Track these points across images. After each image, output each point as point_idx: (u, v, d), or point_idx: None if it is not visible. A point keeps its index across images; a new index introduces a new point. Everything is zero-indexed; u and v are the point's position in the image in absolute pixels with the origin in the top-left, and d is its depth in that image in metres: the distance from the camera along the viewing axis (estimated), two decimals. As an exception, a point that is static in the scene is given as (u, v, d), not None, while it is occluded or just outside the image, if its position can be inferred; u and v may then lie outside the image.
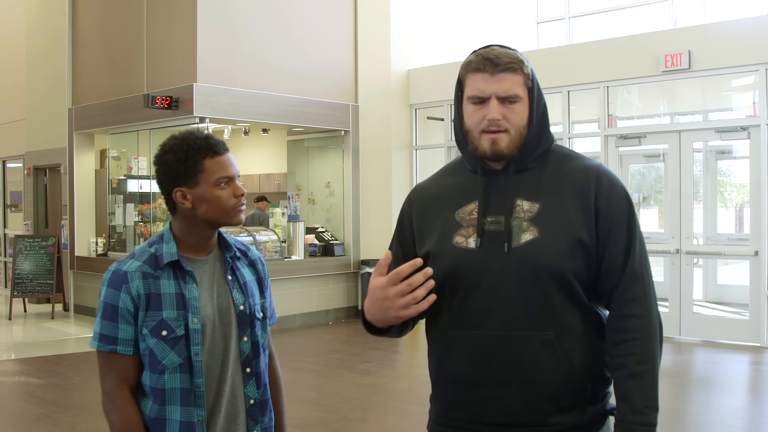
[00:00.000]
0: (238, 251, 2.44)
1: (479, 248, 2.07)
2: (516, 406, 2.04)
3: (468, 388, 2.09)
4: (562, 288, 2.03)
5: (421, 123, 12.51)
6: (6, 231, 16.42)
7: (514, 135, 2.08)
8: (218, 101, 10.50)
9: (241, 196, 2.33)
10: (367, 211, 12.19)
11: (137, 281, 2.24)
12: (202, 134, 2.32)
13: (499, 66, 2.07)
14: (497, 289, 2.04)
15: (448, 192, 2.20)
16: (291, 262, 11.30)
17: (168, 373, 2.23)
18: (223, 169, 2.28)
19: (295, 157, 13.28)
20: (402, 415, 6.73)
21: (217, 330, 2.30)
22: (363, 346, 9.82)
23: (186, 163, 2.27)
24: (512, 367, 2.03)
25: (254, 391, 2.37)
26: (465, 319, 2.08)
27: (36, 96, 13.93)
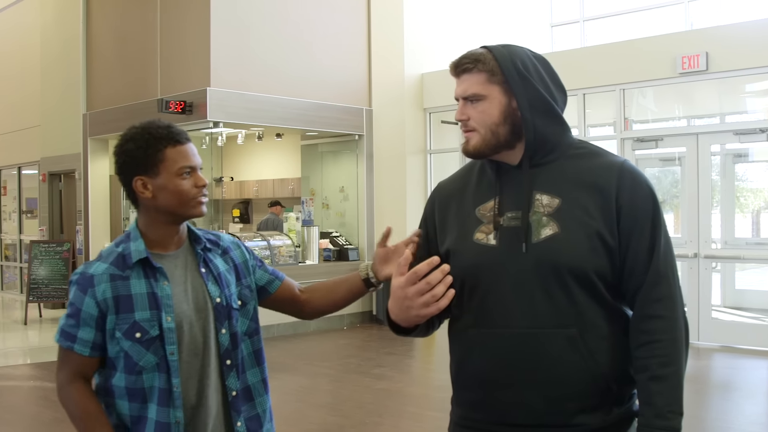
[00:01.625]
0: (208, 242, 2.39)
1: (498, 245, 2.04)
2: (539, 406, 2.00)
3: (490, 389, 2.05)
4: (584, 285, 1.98)
5: (435, 127, 12.46)
6: (22, 237, 16.45)
7: (484, 133, 2.06)
8: (232, 106, 10.49)
9: (203, 187, 2.27)
10: (381, 216, 12.15)
11: (104, 284, 2.20)
12: (164, 123, 2.27)
13: (457, 68, 2.12)
14: (517, 286, 2.00)
15: (469, 189, 2.17)
16: (305, 266, 11.27)
17: (146, 373, 2.20)
18: (185, 159, 2.24)
19: (308, 161, 13.25)
20: (417, 420, 6.68)
21: (195, 325, 2.26)
22: (378, 350, 9.78)
23: (147, 152, 2.23)
24: (535, 366, 1.98)
25: (235, 382, 2.33)
26: (485, 318, 2.05)
27: (51, 102, 13.99)
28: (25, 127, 15.42)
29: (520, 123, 2.06)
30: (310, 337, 10.76)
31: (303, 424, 6.37)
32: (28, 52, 15.17)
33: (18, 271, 16.50)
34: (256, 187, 15.37)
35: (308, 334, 10.99)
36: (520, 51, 2.11)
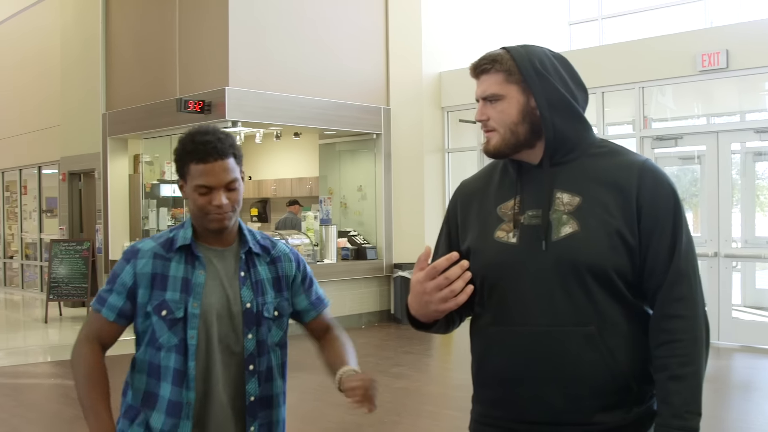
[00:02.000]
0: (258, 247, 2.45)
1: (519, 243, 2.05)
2: (558, 404, 2.00)
3: (509, 386, 2.06)
4: (603, 283, 1.98)
5: (453, 126, 12.45)
6: (42, 236, 16.59)
7: (503, 133, 2.08)
8: (250, 105, 10.52)
9: (219, 207, 2.30)
10: (399, 215, 12.15)
11: (146, 259, 2.33)
12: (202, 138, 2.31)
13: (476, 69, 2.14)
14: (537, 284, 2.00)
15: (491, 188, 2.19)
16: (323, 265, 11.29)
17: (163, 351, 2.30)
18: (203, 178, 2.29)
19: (326, 160, 13.27)
20: (435, 419, 6.68)
21: (221, 321, 2.33)
22: (396, 349, 9.78)
23: (179, 162, 2.36)
24: (553, 364, 1.99)
25: (255, 388, 2.38)
26: (505, 316, 2.06)
27: (71, 102, 14.08)
28: (45, 126, 15.54)
29: (540, 122, 2.06)
30: (328, 336, 10.75)
31: (321, 423, 6.38)
32: (49, 53, 15.29)
33: (38, 269, 16.64)
34: (274, 186, 15.41)
35: (326, 332, 10.98)
36: (539, 50, 2.12)
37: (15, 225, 18.09)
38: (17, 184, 17.82)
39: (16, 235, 17.99)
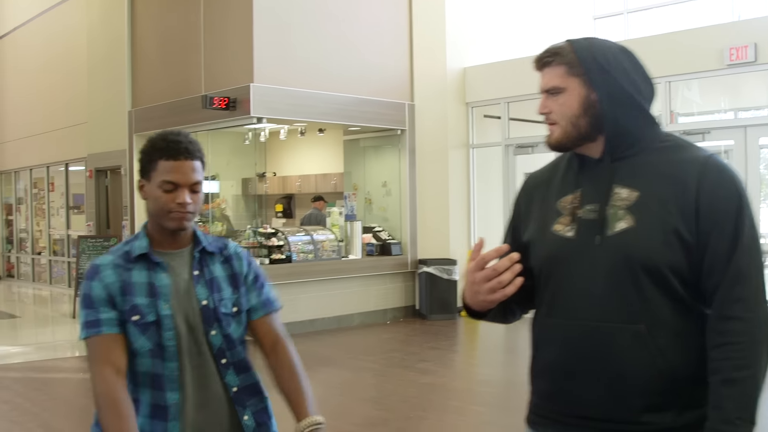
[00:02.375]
0: (213, 247, 2.48)
1: (575, 237, 2.05)
2: (605, 401, 1.98)
3: (560, 379, 2.07)
4: (656, 281, 1.94)
5: (478, 121, 12.41)
6: (69, 232, 16.74)
7: (564, 125, 2.07)
8: (275, 101, 10.56)
9: (181, 205, 2.32)
10: (424, 210, 12.15)
11: (109, 271, 2.32)
12: (174, 137, 2.35)
13: (539, 62, 2.12)
14: (589, 279, 2.00)
15: (554, 181, 2.19)
16: (348, 261, 11.31)
17: (139, 357, 2.30)
18: (170, 174, 2.32)
19: (351, 156, 13.28)
20: (461, 414, 6.68)
21: (183, 321, 2.35)
22: (421, 345, 9.78)
23: (146, 158, 2.37)
24: (601, 360, 1.97)
25: (234, 379, 2.39)
26: (558, 309, 2.07)
27: (97, 100, 14.19)
28: (72, 124, 15.68)
29: (601, 115, 2.05)
30: (354, 331, 10.79)
31: (348, 418, 6.40)
32: (75, 52, 15.42)
33: (66, 265, 16.80)
34: (298, 182, 15.45)
35: (351, 328, 11.03)
36: (603, 43, 2.11)
37: (43, 221, 18.27)
38: (45, 181, 18.00)
39: (44, 231, 18.17)
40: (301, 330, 10.66)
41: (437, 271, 11.63)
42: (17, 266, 19.45)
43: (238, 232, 12.16)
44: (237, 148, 13.23)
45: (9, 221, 19.83)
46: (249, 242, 11.05)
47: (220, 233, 12.03)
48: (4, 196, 19.96)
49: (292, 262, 10.64)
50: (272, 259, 10.50)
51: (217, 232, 12.03)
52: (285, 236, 10.81)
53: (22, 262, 19.28)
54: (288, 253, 10.66)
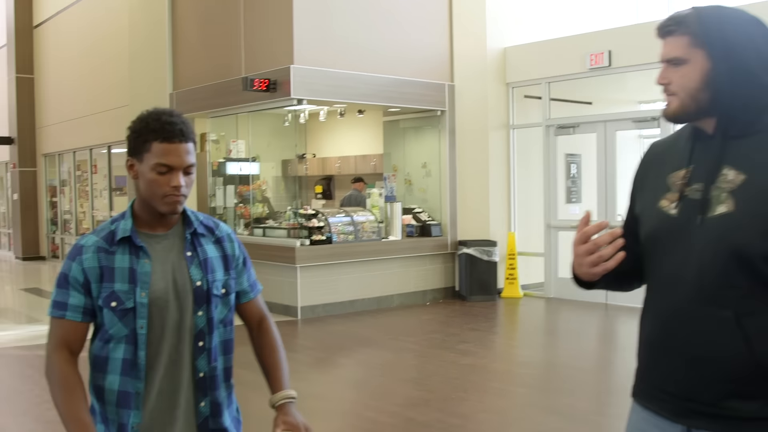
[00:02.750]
0: (203, 227, 2.46)
1: (677, 215, 2.01)
2: (688, 380, 1.96)
3: (653, 355, 2.08)
4: (749, 270, 1.88)
5: (518, 102, 12.32)
6: (112, 213, 16.95)
7: (683, 98, 1.99)
8: (315, 83, 10.56)
9: (176, 188, 2.30)
10: (464, 191, 12.11)
11: (90, 254, 2.31)
12: (168, 119, 2.32)
13: (661, 30, 2.04)
14: (685, 260, 1.96)
15: (669, 155, 2.13)
16: (388, 242, 11.32)
17: (113, 343, 2.30)
18: (165, 157, 2.29)
19: (390, 137, 13.27)
20: (502, 396, 6.67)
21: (171, 304, 2.34)
22: (461, 326, 9.77)
23: (138, 139, 2.32)
24: (689, 341, 1.95)
25: (205, 365, 2.39)
26: (657, 285, 2.06)
27: (139, 83, 14.31)
28: (114, 107, 15.84)
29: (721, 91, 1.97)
30: (394, 312, 10.82)
31: (389, 398, 6.43)
32: (117, 35, 15.56)
33: (109, 246, 16.99)
34: (338, 163, 15.46)
35: (391, 309, 11.06)
36: (732, 13, 2.00)
37: (86, 203, 18.53)
38: (88, 163, 18.24)
39: (88, 212, 18.42)
40: (341, 311, 10.71)
41: (477, 253, 11.60)
42: (62, 247, 19.76)
43: (278, 213, 12.21)
44: (277, 130, 13.28)
45: (53, 203, 20.13)
46: (289, 223, 11.11)
47: (260, 215, 12.10)
48: (49, 179, 20.26)
49: (332, 243, 10.67)
50: (312, 240, 10.54)
51: (257, 213, 12.09)
52: (325, 217, 10.84)
53: (66, 243, 19.58)
54: (328, 234, 10.70)
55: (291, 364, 2.54)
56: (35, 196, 20.41)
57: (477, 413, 6.11)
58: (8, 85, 20.37)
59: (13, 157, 20.31)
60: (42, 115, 19.96)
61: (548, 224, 11.71)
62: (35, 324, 10.66)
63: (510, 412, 6.21)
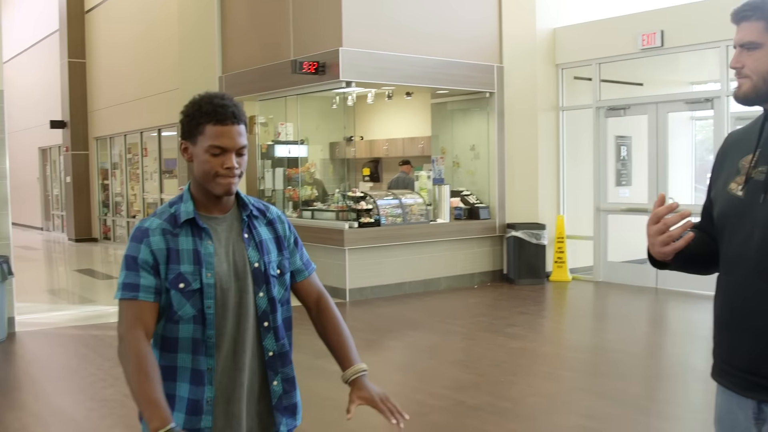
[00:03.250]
0: (256, 210, 2.50)
1: (743, 197, 2.08)
2: (753, 355, 2.03)
3: (721, 330, 2.16)
4: None
5: (568, 83, 12.19)
6: (162, 195, 17.18)
7: (756, 81, 2.06)
8: (363, 65, 10.55)
9: (229, 169, 2.34)
10: (512, 174, 12.03)
11: (157, 236, 2.33)
12: (220, 102, 2.35)
13: (736, 15, 2.11)
14: (747, 238, 2.04)
15: (743, 141, 2.21)
16: (436, 225, 11.30)
17: (182, 323, 2.33)
18: (219, 139, 2.32)
19: (438, 120, 13.22)
20: (551, 380, 6.64)
21: (232, 285, 2.38)
22: (510, 310, 9.74)
23: (191, 122, 2.36)
24: (748, 315, 2.02)
25: (272, 343, 2.44)
26: (725, 264, 2.14)
27: (188, 67, 14.43)
28: (164, 90, 16.00)
29: None
30: (441, 295, 10.81)
31: (438, 381, 6.44)
32: (167, 20, 15.70)
33: (160, 228, 17.22)
34: (386, 145, 15.47)
35: (439, 292, 11.06)
36: None
37: (137, 185, 18.78)
38: (138, 146, 18.47)
39: (138, 195, 18.68)
40: (389, 293, 10.74)
41: (525, 236, 11.53)
42: (113, 229, 20.07)
43: (327, 196, 12.27)
44: (325, 113, 13.30)
45: (105, 185, 20.44)
46: (338, 206, 11.15)
47: (309, 197, 12.15)
48: (100, 162, 20.56)
49: (380, 225, 10.69)
50: (361, 223, 10.56)
51: (306, 195, 12.15)
52: (374, 200, 10.85)
53: (117, 225, 19.89)
54: (377, 216, 10.72)
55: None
56: (87, 178, 20.74)
57: (526, 397, 6.10)
58: (61, 69, 20.68)
59: (66, 141, 20.65)
60: (94, 99, 20.25)
61: (598, 207, 11.60)
62: (89, 304, 10.87)
63: (559, 396, 6.19)
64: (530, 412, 5.69)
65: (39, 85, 23.03)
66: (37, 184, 24.62)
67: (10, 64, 23.18)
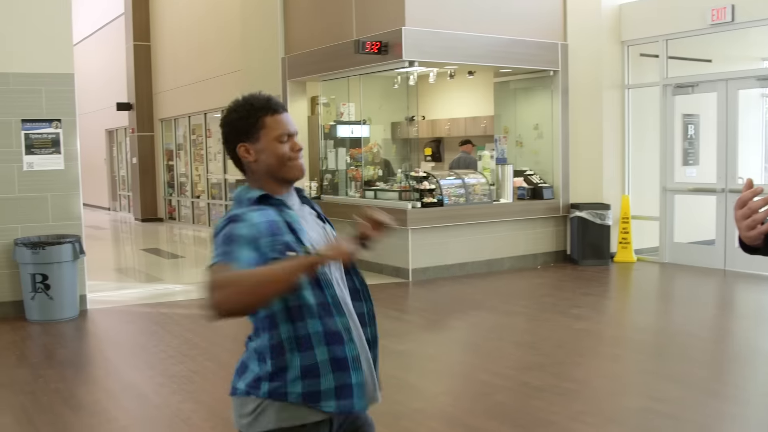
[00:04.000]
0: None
1: None
2: None
3: None
4: None
5: (634, 60, 11.96)
6: (226, 176, 17.40)
7: None
8: (426, 44, 10.50)
9: (299, 151, 2.45)
10: (577, 154, 11.89)
11: (254, 214, 2.30)
12: (264, 96, 2.47)
13: None
14: None
15: None
16: (499, 205, 11.24)
17: (303, 290, 2.31)
18: (283, 126, 2.42)
19: (501, 99, 13.10)
20: (617, 362, 6.58)
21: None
22: (574, 291, 9.66)
23: (249, 121, 2.41)
24: None
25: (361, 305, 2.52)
26: None
27: (251, 48, 14.54)
28: (227, 72, 16.16)
29: None
30: (504, 276, 10.76)
31: (503, 361, 6.42)
32: (230, 2, 15.85)
33: (223, 208, 17.50)
34: (447, 125, 15.40)
35: (502, 272, 11.01)
36: None
37: (201, 166, 19.04)
38: (202, 127, 18.70)
39: (203, 175, 18.94)
40: (452, 274, 10.73)
41: (590, 216, 11.40)
42: (178, 209, 20.40)
43: (390, 177, 12.27)
44: (387, 92, 13.28)
45: (170, 166, 20.77)
46: (400, 186, 11.15)
47: (372, 177, 12.17)
48: (165, 143, 20.88)
49: (443, 205, 10.66)
50: (424, 203, 10.55)
51: (369, 175, 12.17)
52: (436, 180, 10.83)
53: (182, 206, 20.21)
54: (439, 196, 10.69)
55: (403, 325, 2.63)
56: (153, 159, 21.10)
57: (592, 378, 6.05)
58: (126, 53, 21.02)
59: (132, 123, 21.02)
60: (158, 82, 20.55)
61: (664, 187, 11.39)
62: (156, 283, 11.08)
63: (625, 378, 6.13)
64: (596, 394, 5.65)
65: (105, 68, 23.46)
66: (104, 165, 25.13)
67: (78, 48, 23.60)
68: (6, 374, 6.37)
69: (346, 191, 12.31)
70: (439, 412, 5.25)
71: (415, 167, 11.54)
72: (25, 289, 8.35)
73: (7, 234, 8.54)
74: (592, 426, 4.85)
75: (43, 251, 8.23)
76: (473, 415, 5.13)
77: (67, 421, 5.23)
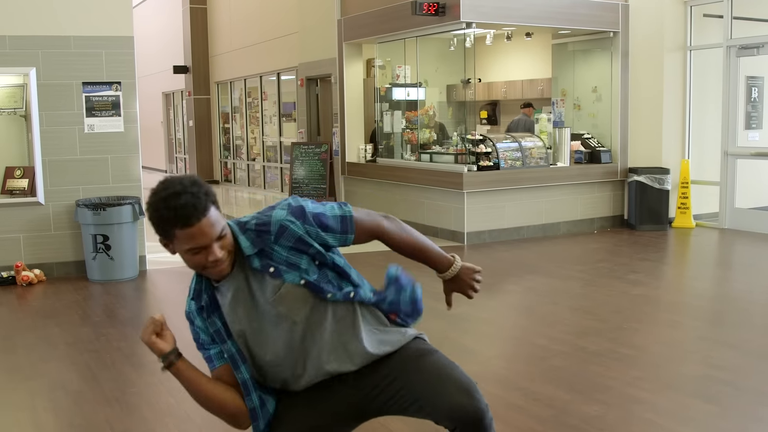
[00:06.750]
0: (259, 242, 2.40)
1: None
2: None
3: None
4: None
5: (697, 21, 11.66)
6: (282, 139, 17.48)
7: None
8: (484, 5, 10.37)
9: (215, 261, 2.32)
10: (636, 117, 11.68)
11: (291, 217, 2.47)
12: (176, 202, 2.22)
13: None
14: None
15: None
16: (556, 168, 11.12)
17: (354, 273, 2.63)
18: (192, 241, 2.27)
19: (559, 61, 12.90)
20: (675, 328, 6.50)
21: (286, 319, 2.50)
22: (631, 256, 9.55)
23: (159, 230, 2.31)
24: None
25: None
26: None
27: (307, 10, 14.51)
28: (283, 34, 16.17)
29: None
30: (560, 240, 10.68)
31: (560, 326, 6.39)
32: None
33: (278, 171, 17.60)
34: (504, 88, 15.24)
35: (557, 237, 10.92)
36: None
37: (257, 129, 19.16)
38: (258, 90, 18.79)
39: (258, 138, 19.06)
40: (507, 237, 10.68)
41: (648, 180, 11.22)
42: (233, 172, 20.59)
43: (445, 140, 12.22)
44: (443, 55, 13.17)
45: (226, 129, 20.94)
46: (456, 149, 11.09)
47: (428, 140, 12.13)
48: (221, 106, 21.04)
49: (499, 169, 10.59)
50: (480, 166, 10.49)
51: (425, 139, 12.13)
52: (493, 143, 10.74)
53: (238, 168, 20.39)
54: (495, 160, 10.61)
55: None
56: (209, 122, 21.29)
57: (650, 344, 5.99)
58: (183, 16, 21.15)
59: (189, 86, 21.20)
60: (214, 45, 20.66)
61: (725, 151, 11.15)
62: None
63: (683, 345, 6.05)
64: (654, 360, 5.59)
65: (163, 31, 23.64)
66: (161, 128, 25.44)
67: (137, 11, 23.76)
68: (70, 333, 6.54)
69: (402, 154, 12.28)
70: (494, 375, 5.25)
71: (471, 130, 11.45)
72: (86, 249, 8.53)
73: (68, 195, 8.73)
74: (649, 392, 4.81)
75: (104, 212, 8.38)
76: (529, 379, 5.13)
77: (128, 379, 5.35)
